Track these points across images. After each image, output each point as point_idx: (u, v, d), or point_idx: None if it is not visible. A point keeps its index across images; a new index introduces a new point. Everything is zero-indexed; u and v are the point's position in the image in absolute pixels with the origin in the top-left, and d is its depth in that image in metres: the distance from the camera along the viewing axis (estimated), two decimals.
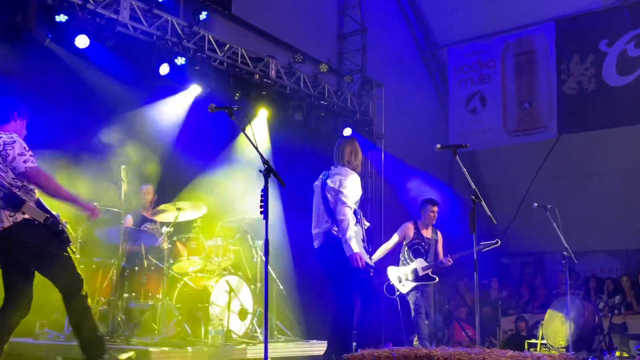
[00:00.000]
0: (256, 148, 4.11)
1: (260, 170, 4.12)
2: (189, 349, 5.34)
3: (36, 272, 4.38)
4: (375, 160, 10.70)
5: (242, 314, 6.34)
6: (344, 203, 5.03)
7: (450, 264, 7.12)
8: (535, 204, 7.25)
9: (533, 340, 8.96)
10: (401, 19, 12.52)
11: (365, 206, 10.57)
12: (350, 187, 5.11)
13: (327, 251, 5.08)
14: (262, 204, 4.08)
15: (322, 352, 6.54)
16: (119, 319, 5.87)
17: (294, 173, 6.96)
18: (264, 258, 6.53)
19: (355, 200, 5.15)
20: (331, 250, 5.04)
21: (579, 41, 10.88)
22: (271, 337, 6.49)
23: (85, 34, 6.71)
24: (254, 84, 8.68)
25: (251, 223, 6.95)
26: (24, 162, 4.16)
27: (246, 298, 6.45)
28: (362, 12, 11.32)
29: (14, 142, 4.23)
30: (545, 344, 8.55)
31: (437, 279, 7.12)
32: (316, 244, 5.21)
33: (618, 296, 9.75)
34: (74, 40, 6.66)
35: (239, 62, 8.51)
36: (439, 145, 5.20)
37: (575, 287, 9.66)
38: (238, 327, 6.28)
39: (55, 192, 4.25)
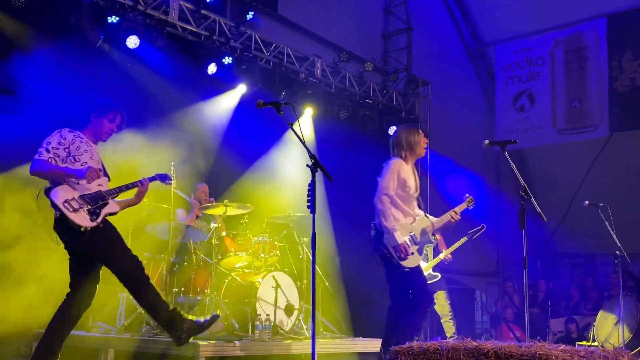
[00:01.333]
0: (303, 143, 4.12)
1: (307, 165, 4.13)
2: (236, 343, 5.40)
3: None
4: (421, 159, 10.61)
5: (289, 310, 6.39)
6: (379, 192, 4.99)
7: (450, 259, 7.24)
8: (587, 202, 7.10)
9: (584, 343, 8.76)
10: (447, 16, 12.41)
11: None
12: (388, 175, 5.02)
13: (372, 242, 5.07)
14: (309, 198, 4.09)
15: (368, 350, 6.54)
16: None
17: (339, 171, 6.95)
18: (309, 254, 6.59)
19: (394, 188, 4.99)
20: (375, 240, 5.02)
21: (632, 37, 10.60)
22: (317, 333, 6.51)
23: (136, 35, 6.87)
24: (299, 82, 8.74)
25: (297, 220, 6.99)
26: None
27: (292, 294, 6.49)
28: (408, 10, 11.26)
29: (50, 135, 4.46)
30: (598, 346, 8.34)
31: (439, 276, 7.27)
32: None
33: None
34: (125, 41, 6.83)
35: (285, 61, 8.58)
36: (487, 141, 5.14)
37: (627, 288, 9.40)
38: (284, 322, 6.33)
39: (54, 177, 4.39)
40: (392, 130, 9.83)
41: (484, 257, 12.04)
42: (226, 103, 8.03)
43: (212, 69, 7.62)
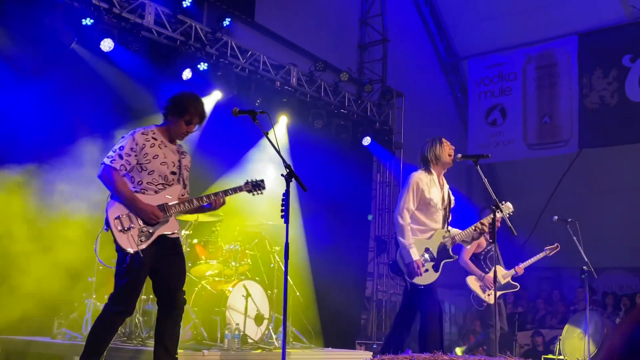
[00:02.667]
0: (278, 152, 4.10)
1: (282, 175, 4.12)
2: (205, 352, 5.33)
3: None
4: (394, 170, 10.69)
5: (259, 319, 6.34)
6: (399, 207, 4.99)
7: (522, 272, 7.02)
8: (556, 217, 7.20)
9: (550, 356, 8.85)
10: (422, 29, 12.52)
11: (383, 215, 10.55)
12: (406, 189, 5.01)
13: (394, 256, 5.09)
14: (283, 208, 4.07)
15: None
16: (137, 320, 5.88)
17: (313, 180, 6.95)
18: (281, 264, 6.55)
19: (414, 202, 4.96)
20: (395, 254, 5.02)
21: (602, 55, 10.80)
22: (287, 343, 6.46)
23: (110, 38, 6.80)
24: (275, 90, 8.73)
25: (269, 228, 6.96)
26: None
27: (263, 303, 6.45)
28: (384, 22, 11.34)
29: (122, 137, 4.20)
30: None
31: (518, 287, 7.03)
32: None
33: None
34: (99, 44, 6.74)
35: (261, 68, 8.57)
36: (460, 155, 5.17)
37: (592, 303, 9.54)
38: (254, 332, 6.28)
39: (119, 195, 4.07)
40: (366, 140, 9.87)
41: (452, 269, 12.09)
42: None
43: (187, 74, 7.56)
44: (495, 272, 4.98)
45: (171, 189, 4.22)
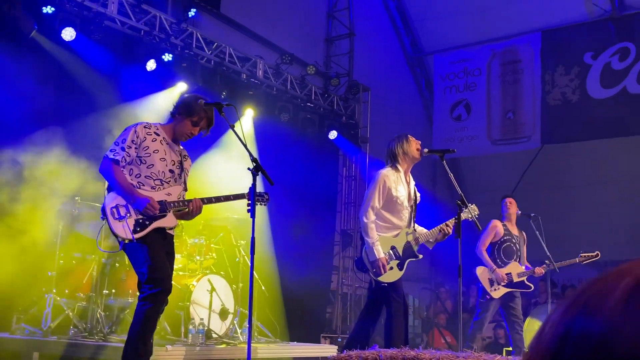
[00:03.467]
0: (245, 145, 4.07)
1: (248, 168, 4.09)
2: (168, 347, 5.27)
3: None
4: (360, 164, 10.71)
5: (223, 314, 6.29)
6: (364, 205, 4.98)
7: (542, 274, 6.91)
8: (519, 212, 7.29)
9: (511, 348, 8.97)
10: (389, 24, 12.55)
11: (349, 210, 10.57)
12: (372, 187, 5.00)
13: (360, 252, 5.07)
14: (250, 202, 4.04)
15: (303, 354, 6.52)
16: (98, 315, 5.78)
17: (280, 173, 6.92)
18: (247, 258, 6.50)
19: (379, 200, 4.93)
20: (361, 251, 5.02)
21: (564, 52, 10.97)
22: (252, 338, 6.43)
23: (72, 27, 6.63)
24: (241, 83, 8.65)
25: (235, 222, 6.90)
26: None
27: (228, 298, 6.39)
28: (351, 16, 11.33)
29: (125, 129, 4.19)
30: (525, 352, 8.57)
31: (532, 287, 6.90)
32: None
33: None
34: (60, 33, 6.58)
35: (227, 60, 8.48)
36: (426, 150, 5.20)
37: (553, 295, 9.72)
38: (218, 327, 6.22)
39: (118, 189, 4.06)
40: (332, 134, 9.86)
41: (417, 263, 12.20)
42: (165, 101, 7.84)
43: (151, 65, 7.43)
44: (460, 264, 4.99)
45: (172, 187, 4.21)
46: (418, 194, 5.25)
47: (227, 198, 4.38)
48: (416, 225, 5.22)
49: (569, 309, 0.60)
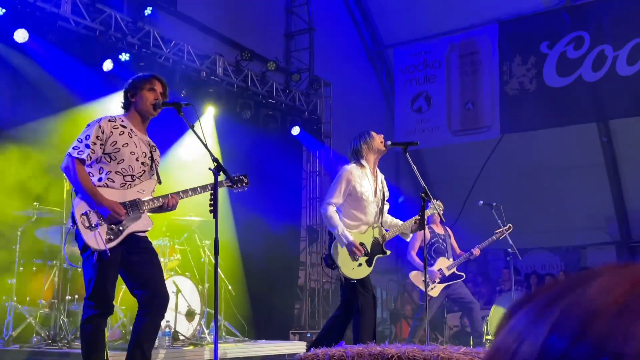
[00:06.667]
0: (205, 145, 4.01)
1: (209, 168, 4.04)
2: None
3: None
4: (324, 159, 10.72)
5: (190, 315, 6.24)
6: (324, 201, 5.00)
7: (478, 254, 7.07)
8: (481, 202, 7.39)
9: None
10: (348, 18, 12.57)
11: (314, 205, 10.57)
12: (334, 183, 5.00)
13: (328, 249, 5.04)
14: (212, 202, 3.99)
15: (272, 352, 6.50)
16: (61, 322, 5.68)
17: (243, 172, 6.88)
18: (212, 258, 6.46)
19: (340, 196, 4.91)
20: (329, 249, 4.99)
21: (521, 43, 11.13)
22: (220, 338, 6.40)
23: (25, 28, 6.48)
24: (200, 81, 8.57)
25: (199, 222, 6.84)
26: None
27: (194, 298, 6.34)
28: (310, 10, 11.31)
29: (88, 125, 3.90)
30: (491, 340, 8.70)
31: (465, 276, 7.06)
32: None
33: None
34: (12, 34, 6.42)
35: (185, 58, 8.38)
36: (389, 142, 5.20)
37: (517, 283, 9.88)
38: (185, 328, 6.18)
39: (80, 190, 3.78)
40: (295, 130, 9.84)
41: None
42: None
43: (108, 65, 7.30)
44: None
45: (144, 183, 3.98)
46: (387, 189, 5.24)
47: (204, 188, 4.14)
48: (392, 218, 5.21)
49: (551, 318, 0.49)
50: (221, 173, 3.99)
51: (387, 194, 5.21)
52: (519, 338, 0.49)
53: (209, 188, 4.07)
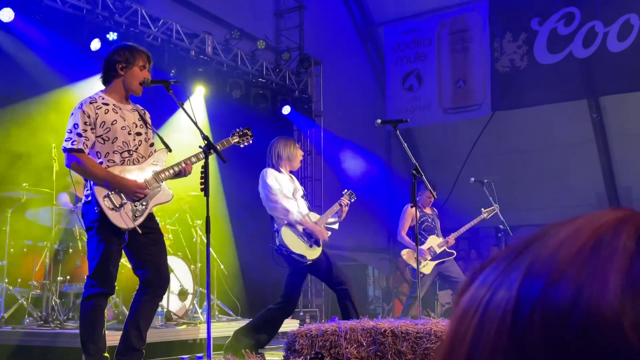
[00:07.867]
0: (195, 123, 3.98)
1: (200, 147, 4.01)
2: None
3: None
4: (315, 138, 10.68)
5: (182, 295, 6.24)
6: (265, 200, 5.26)
7: (452, 243, 7.08)
8: (472, 179, 7.40)
9: None
10: None
11: (305, 184, 10.55)
12: (263, 186, 5.25)
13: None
14: (203, 181, 3.97)
15: None
16: (53, 303, 5.67)
17: (233, 151, 6.85)
18: (204, 237, 6.44)
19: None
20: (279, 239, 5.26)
21: (512, 19, 11.09)
22: (213, 317, 6.41)
23: (10, 7, 6.38)
24: (190, 60, 8.49)
25: (190, 202, 6.82)
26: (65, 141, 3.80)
27: (186, 278, 6.34)
28: None
29: (71, 114, 3.84)
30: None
31: (455, 253, 7.12)
32: None
33: None
34: None
35: (174, 37, 8.29)
36: (379, 120, 5.20)
37: None
38: (178, 307, 6.18)
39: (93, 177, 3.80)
40: (285, 109, 9.78)
41: (375, 233, 12.33)
42: None
43: (95, 44, 7.21)
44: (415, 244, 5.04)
45: (156, 155, 4.03)
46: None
47: (215, 150, 3.98)
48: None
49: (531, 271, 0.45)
50: (211, 151, 3.97)
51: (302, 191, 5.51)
52: (491, 289, 0.47)
53: (220, 147, 4.18)
